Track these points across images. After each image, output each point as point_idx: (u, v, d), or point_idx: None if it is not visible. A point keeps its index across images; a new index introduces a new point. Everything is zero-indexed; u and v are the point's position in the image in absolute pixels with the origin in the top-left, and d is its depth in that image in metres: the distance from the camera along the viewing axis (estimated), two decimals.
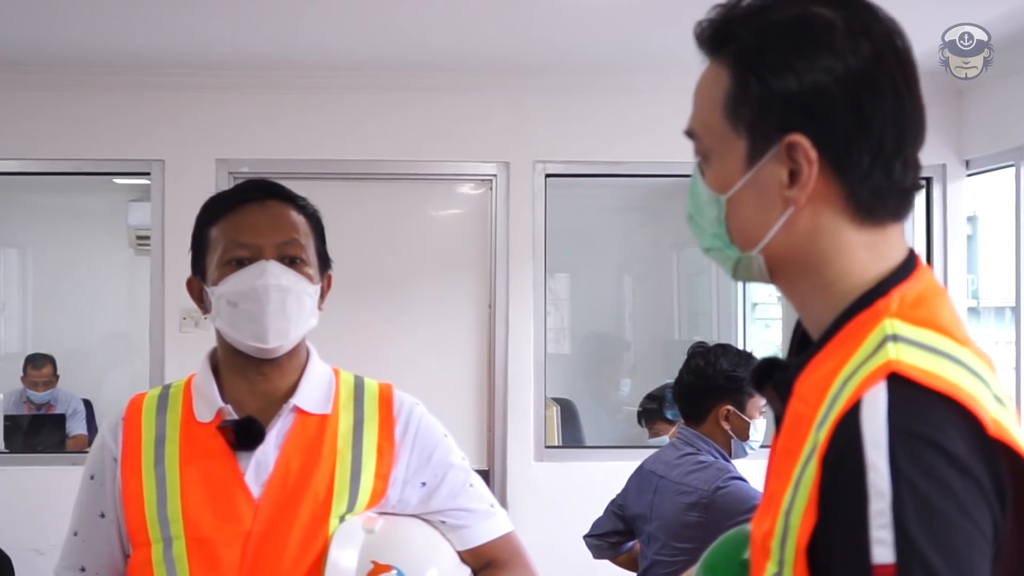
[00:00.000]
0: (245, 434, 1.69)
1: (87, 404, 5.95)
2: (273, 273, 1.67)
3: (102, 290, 6.70)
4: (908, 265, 1.10)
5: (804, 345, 1.16)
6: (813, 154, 1.07)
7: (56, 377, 5.92)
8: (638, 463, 3.22)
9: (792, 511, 1.03)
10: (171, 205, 4.34)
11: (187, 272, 1.79)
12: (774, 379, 1.17)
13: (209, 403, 1.73)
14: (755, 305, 6.49)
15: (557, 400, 4.99)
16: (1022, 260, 3.84)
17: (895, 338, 1.03)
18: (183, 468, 1.70)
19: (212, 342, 1.80)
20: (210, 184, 4.28)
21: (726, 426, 3.02)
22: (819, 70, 1.06)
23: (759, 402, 3.05)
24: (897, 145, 1.08)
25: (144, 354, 4.54)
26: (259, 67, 4.32)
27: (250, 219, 1.71)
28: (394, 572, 1.65)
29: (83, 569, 1.74)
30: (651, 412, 4.48)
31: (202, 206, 1.79)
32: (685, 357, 3.14)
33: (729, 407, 3.01)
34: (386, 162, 4.45)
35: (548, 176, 4.45)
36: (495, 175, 4.44)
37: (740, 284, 6.06)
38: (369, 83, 4.39)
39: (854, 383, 1.01)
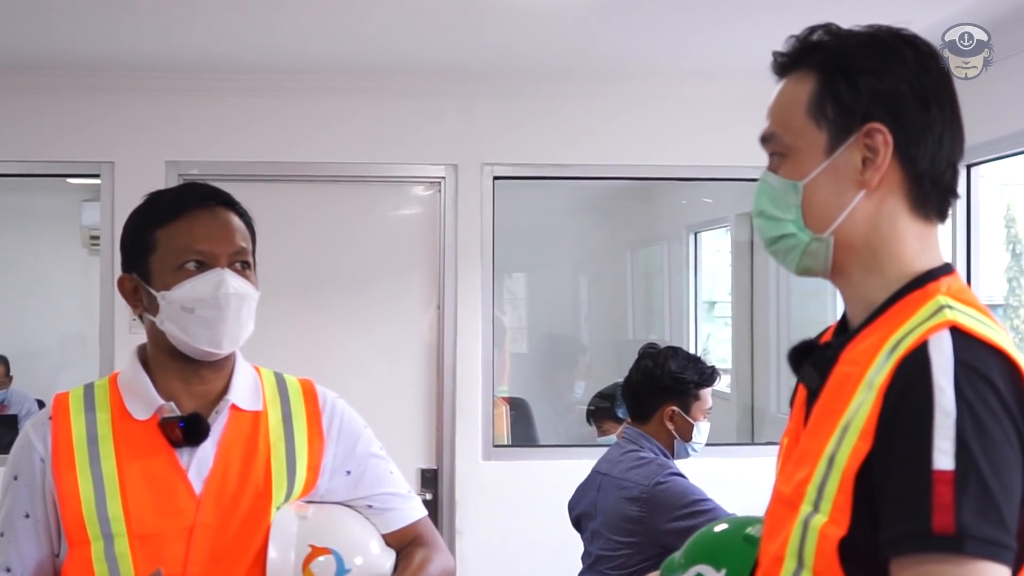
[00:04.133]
0: (193, 430, 1.73)
1: (41, 405, 5.90)
2: (231, 283, 1.72)
3: (56, 290, 6.62)
4: (949, 267, 1.31)
5: (840, 331, 1.35)
6: (890, 138, 1.27)
7: (9, 378, 5.87)
8: (586, 462, 3.25)
9: (839, 451, 1.20)
10: (121, 207, 4.31)
11: None
12: (813, 357, 1.35)
13: (145, 401, 1.75)
14: (713, 304, 6.57)
15: (510, 399, 5.01)
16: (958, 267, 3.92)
17: (950, 307, 1.22)
18: (122, 466, 1.71)
19: None
20: (159, 186, 4.23)
21: (670, 426, 3.08)
22: (895, 75, 1.28)
23: (704, 405, 3.11)
24: (951, 148, 1.30)
25: (98, 355, 4.52)
26: (209, 70, 4.31)
27: (204, 227, 1.74)
28: (331, 554, 1.73)
29: (8, 570, 1.73)
30: (602, 411, 4.50)
31: (142, 206, 1.83)
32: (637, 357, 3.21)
33: (674, 408, 3.06)
34: (336, 164, 4.43)
35: (496, 178, 4.47)
36: (444, 177, 4.45)
37: (692, 283, 6.16)
38: (319, 87, 4.39)
39: (913, 337, 1.19)
